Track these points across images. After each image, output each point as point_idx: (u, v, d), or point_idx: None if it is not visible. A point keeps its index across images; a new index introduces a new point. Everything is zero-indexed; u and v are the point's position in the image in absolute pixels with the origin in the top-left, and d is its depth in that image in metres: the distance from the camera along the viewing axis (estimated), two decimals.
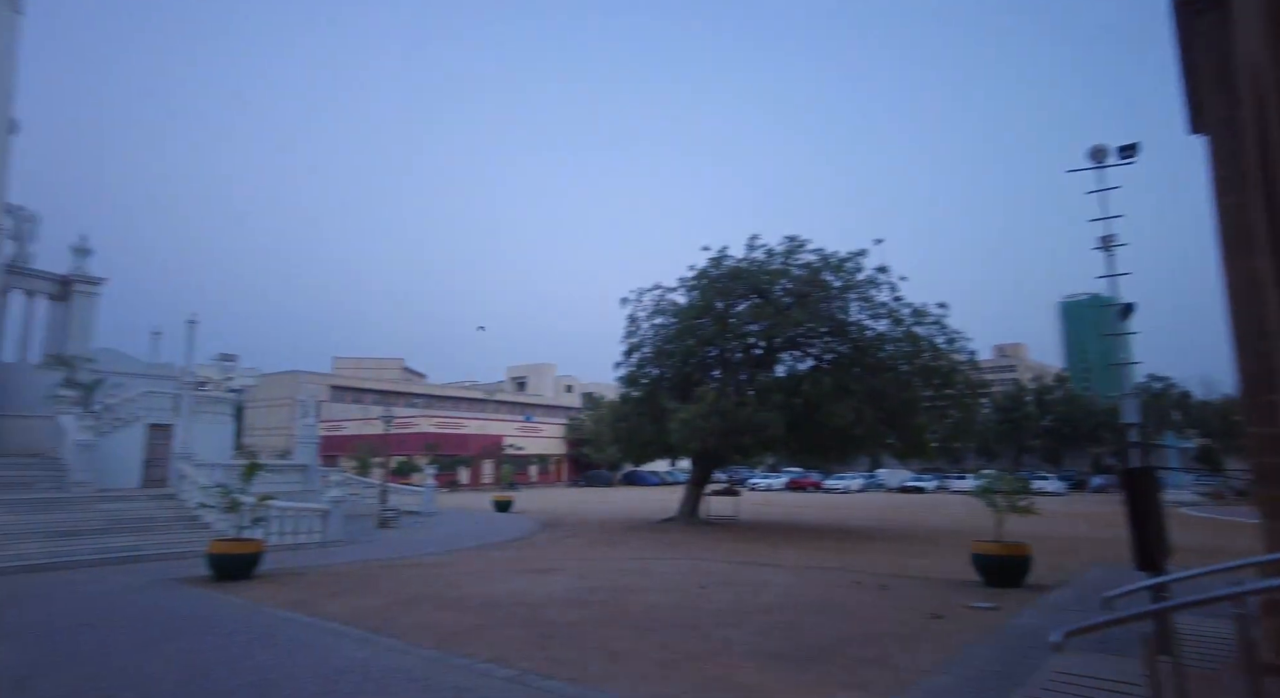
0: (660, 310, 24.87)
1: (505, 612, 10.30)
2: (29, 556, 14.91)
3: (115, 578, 13.57)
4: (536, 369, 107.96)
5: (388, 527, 23.61)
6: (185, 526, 18.32)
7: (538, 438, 70.88)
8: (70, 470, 19.40)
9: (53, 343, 23.80)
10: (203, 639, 8.65)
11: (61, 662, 7.72)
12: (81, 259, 24.88)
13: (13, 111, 21.99)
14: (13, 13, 22.03)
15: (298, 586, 12.82)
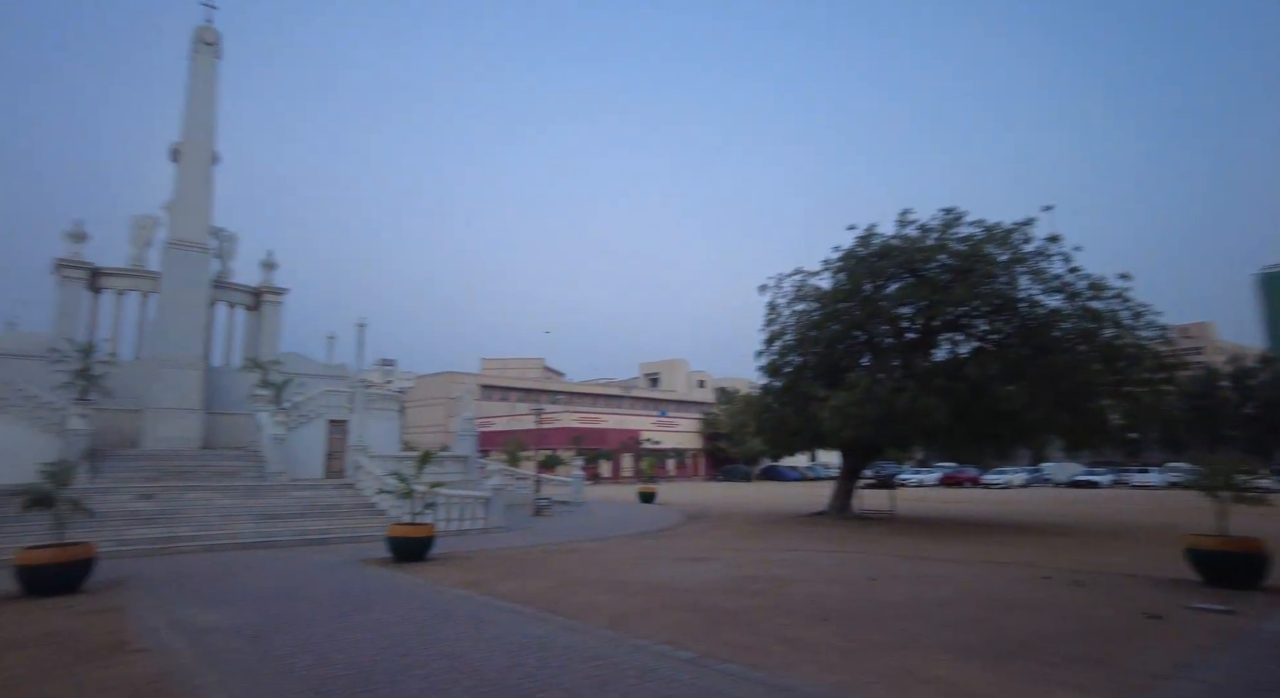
0: (802, 296, 24.05)
1: (668, 597, 10.23)
2: (241, 534, 16.75)
3: (311, 557, 14.90)
4: (668, 365, 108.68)
5: (541, 515, 24.49)
6: (364, 512, 19.87)
7: (673, 432, 71.30)
8: (267, 461, 21.62)
9: (249, 348, 26.73)
10: (393, 613, 9.21)
11: (281, 625, 8.48)
12: (269, 273, 27.77)
13: (214, 144, 24.92)
14: (213, 58, 24.95)
15: (468, 567, 13.46)
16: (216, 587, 11.42)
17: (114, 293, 24.79)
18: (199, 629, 8.39)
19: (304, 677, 6.31)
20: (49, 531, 15.13)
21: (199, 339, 24.01)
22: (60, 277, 23.60)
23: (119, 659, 7.22)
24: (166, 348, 23.30)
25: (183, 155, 24.61)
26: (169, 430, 22.72)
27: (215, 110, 24.95)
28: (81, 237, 24.00)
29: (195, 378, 23.52)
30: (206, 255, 24.41)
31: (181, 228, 24.01)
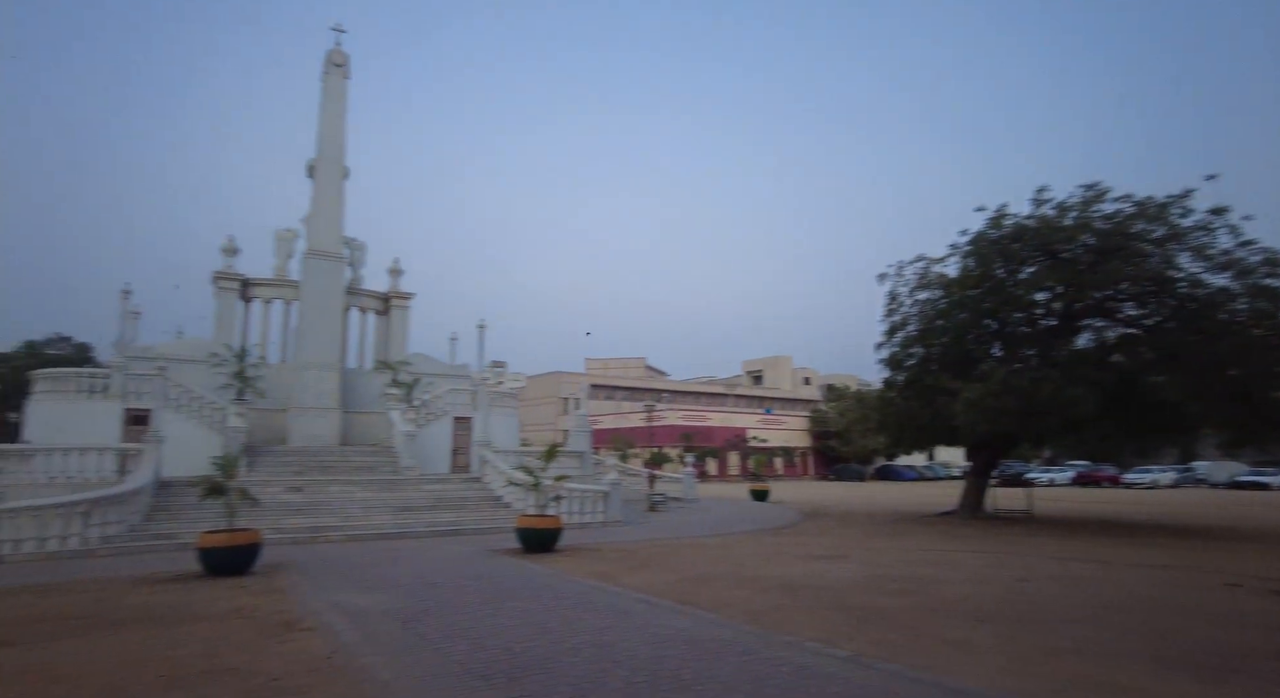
0: (925, 284, 22.85)
1: (806, 594, 9.91)
2: (381, 526, 17.73)
3: (446, 547, 15.55)
4: (772, 363, 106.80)
5: (656, 511, 24.56)
6: (490, 504, 20.58)
7: (780, 430, 69.98)
8: (400, 457, 22.81)
9: (379, 351, 28.37)
10: (534, 601, 9.39)
11: (430, 610, 8.83)
12: (396, 279, 29.39)
13: (345, 160, 26.63)
14: (343, 79, 26.69)
15: (595, 559, 13.61)
16: (365, 573, 12.08)
17: (262, 302, 26.99)
18: (356, 612, 8.85)
19: (462, 661, 6.49)
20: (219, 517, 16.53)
21: (336, 343, 25.74)
22: (217, 288, 25.94)
23: (292, 636, 7.72)
24: (308, 351, 25.12)
25: (317, 171, 26.46)
26: (311, 428, 24.46)
27: (345, 127, 26.70)
28: (234, 251, 26.26)
29: (334, 379, 25.21)
30: (341, 264, 26.15)
31: (318, 239, 25.82)
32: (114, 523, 15.01)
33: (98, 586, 11.03)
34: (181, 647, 7.20)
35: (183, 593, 10.40)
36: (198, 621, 8.51)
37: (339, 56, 26.67)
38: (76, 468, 17.96)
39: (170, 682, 5.95)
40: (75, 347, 48.95)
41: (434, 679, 5.91)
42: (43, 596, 10.26)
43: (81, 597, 10.13)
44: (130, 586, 11.07)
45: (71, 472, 17.80)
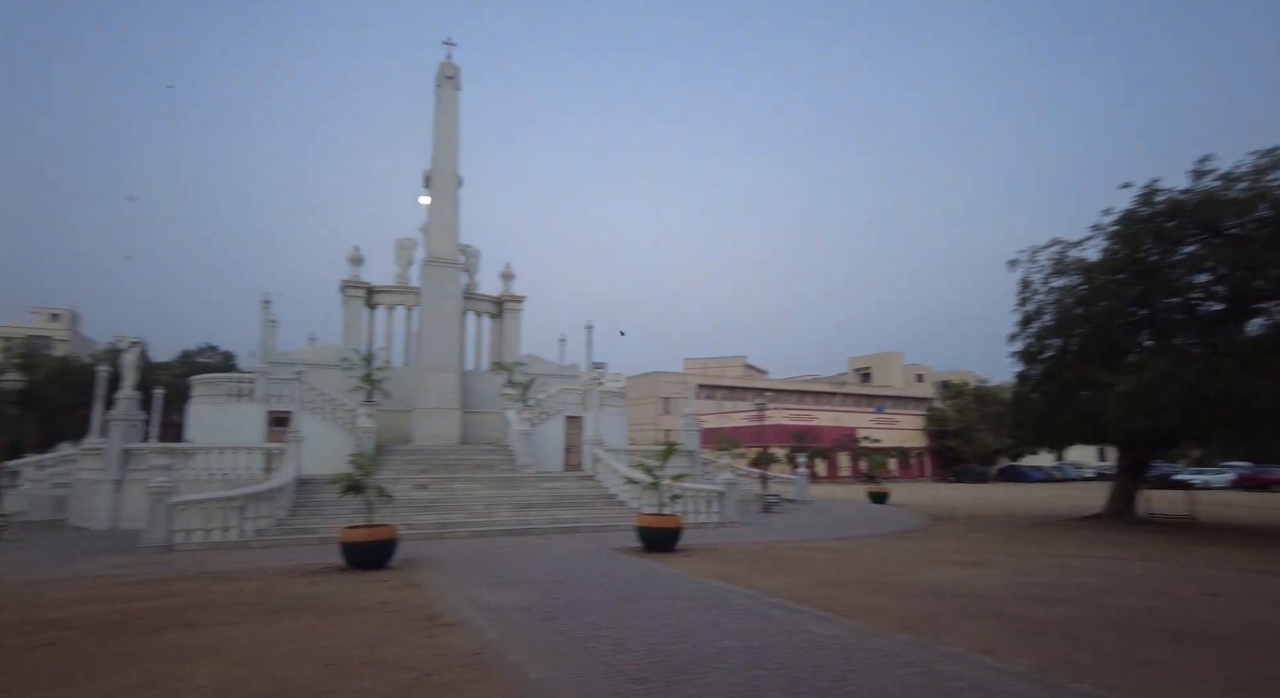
0: (1062, 270, 21.10)
1: (955, 602, 9.22)
2: (504, 522, 18.15)
3: (566, 544, 15.68)
4: (881, 359, 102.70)
5: (770, 512, 23.96)
6: (605, 503, 20.68)
7: (894, 430, 67.09)
8: (517, 455, 23.34)
9: (494, 353, 29.24)
10: (667, 602, 9.20)
11: (564, 607, 8.81)
12: (508, 283, 30.22)
13: (458, 169, 27.63)
14: (455, 90, 27.70)
15: (719, 560, 13.30)
16: (496, 569, 12.30)
17: (386, 308, 28.44)
18: (494, 608, 8.95)
19: (609, 661, 6.35)
20: (354, 514, 17.34)
21: (455, 346, 26.74)
22: (345, 296, 27.53)
23: (437, 631, 7.86)
24: (429, 355, 26.22)
25: (433, 181, 27.58)
26: (434, 428, 25.48)
27: (458, 138, 27.71)
28: (359, 261, 27.81)
29: (453, 381, 26.19)
30: (457, 270, 27.15)
31: (435, 247, 26.91)
32: (264, 517, 16.08)
33: (258, 575, 11.78)
34: (339, 637, 7.46)
35: (331, 585, 10.92)
36: (349, 613, 8.85)
37: (450, 68, 27.70)
38: (230, 465, 19.45)
39: (337, 671, 6.14)
40: (221, 355, 53.48)
41: (586, 680, 5.79)
42: (215, 582, 11.06)
43: (247, 585, 10.83)
44: (284, 576, 11.76)
45: (225, 469, 19.29)
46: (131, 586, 10.94)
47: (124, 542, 15.97)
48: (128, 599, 9.80)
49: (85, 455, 21.03)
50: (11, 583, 11.19)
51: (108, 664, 6.49)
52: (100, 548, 15.18)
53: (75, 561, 13.67)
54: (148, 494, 14.85)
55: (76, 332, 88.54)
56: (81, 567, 12.83)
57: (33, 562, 13.48)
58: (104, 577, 11.70)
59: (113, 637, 7.63)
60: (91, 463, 20.71)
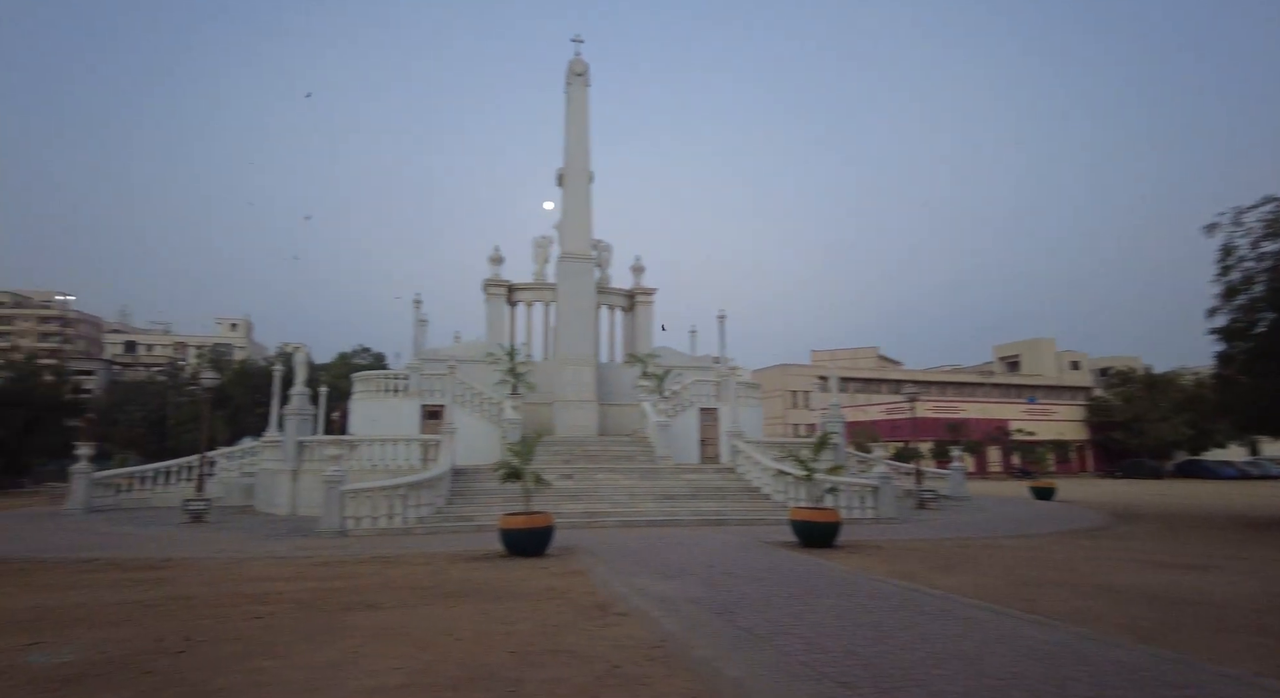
0: (1278, 231, 18.20)
1: (1186, 610, 7.99)
2: (648, 512, 18.00)
3: (717, 537, 15.23)
4: (1030, 346, 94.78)
5: (926, 508, 22.43)
6: (748, 496, 20.08)
7: (1049, 422, 61.68)
8: (655, 447, 23.20)
9: (627, 345, 29.34)
10: (846, 600, 8.52)
11: (737, 602, 8.35)
12: (638, 276, 30.24)
13: (589, 165, 27.92)
14: (584, 86, 28.00)
15: (885, 557, 12.39)
16: (651, 559, 12.07)
17: (525, 304, 29.23)
18: (662, 599, 8.64)
19: (806, 661, 5.82)
20: (507, 503, 17.75)
21: (591, 339, 27.06)
22: (487, 294, 28.55)
23: (610, 620, 7.63)
24: (566, 348, 26.67)
25: (566, 178, 28.01)
26: (573, 419, 25.89)
27: (589, 134, 27.99)
28: (499, 260, 28.74)
29: (590, 373, 26.50)
30: (591, 265, 27.45)
31: (570, 242, 27.33)
32: (425, 505, 16.79)
33: (425, 560, 12.19)
34: (517, 624, 7.39)
35: (495, 570, 11.08)
36: (518, 598, 8.85)
37: (579, 65, 27.99)
38: (390, 456, 20.54)
39: (522, 659, 6.00)
40: (374, 356, 57.50)
41: (789, 683, 5.29)
42: (388, 566, 11.54)
43: (418, 569, 11.21)
44: (450, 561, 12.10)
45: (386, 459, 20.38)
46: (316, 566, 11.63)
47: (303, 526, 17.21)
48: (316, 579, 10.36)
49: (266, 447, 23.01)
50: (222, 560, 12.22)
51: (309, 639, 6.73)
52: (284, 532, 16.42)
53: (265, 542, 14.83)
54: (326, 482, 15.86)
55: (251, 338, 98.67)
56: (271, 547, 13.87)
57: (233, 542, 14.75)
58: (291, 558, 12.53)
59: (309, 614, 7.99)
60: (271, 454, 22.63)
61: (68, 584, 10.03)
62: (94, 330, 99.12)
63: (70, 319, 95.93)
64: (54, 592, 9.43)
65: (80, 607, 8.45)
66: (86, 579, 10.43)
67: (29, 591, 9.51)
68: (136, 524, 18.15)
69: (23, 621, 7.76)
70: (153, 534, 16.12)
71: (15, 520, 19.44)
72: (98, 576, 10.81)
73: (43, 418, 38.12)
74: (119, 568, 11.49)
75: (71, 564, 11.92)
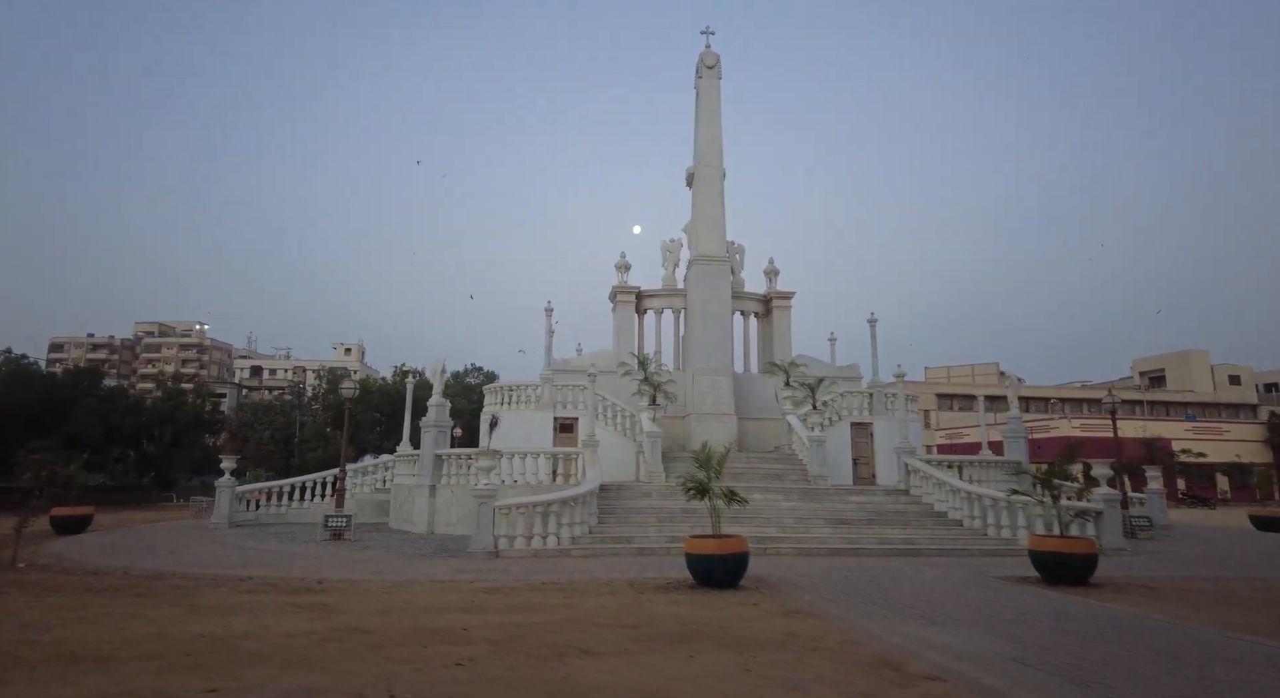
0: None
1: None
2: (824, 539, 15.76)
3: (928, 570, 12.84)
4: (1178, 359, 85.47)
5: (1137, 537, 19.07)
6: (933, 521, 17.48)
7: (1221, 442, 54.70)
8: (808, 465, 20.88)
9: (763, 354, 27.23)
10: (1244, 670, 6.13)
11: (1081, 666, 6.11)
12: (772, 280, 28.15)
13: (723, 163, 26.23)
14: (716, 79, 26.47)
15: (1184, 602, 9.73)
16: (876, 594, 9.97)
17: (655, 312, 27.69)
18: (960, 654, 6.56)
19: None
20: (662, 522, 15.97)
21: (727, 347, 25.14)
22: (615, 302, 27.19)
23: (917, 685, 5.61)
24: (700, 357, 24.83)
25: (696, 177, 26.42)
26: (711, 434, 23.89)
27: (721, 130, 26.36)
28: (626, 267, 27.38)
29: (726, 384, 24.54)
30: (725, 268, 25.60)
31: (701, 245, 25.62)
32: (578, 524, 15.22)
33: (605, 588, 10.49)
34: (807, 688, 5.47)
35: (696, 605, 9.23)
36: (763, 647, 6.96)
37: (710, 58, 26.48)
38: (524, 470, 19.18)
39: None
40: (485, 375, 57.62)
41: None
42: (569, 594, 9.87)
43: (607, 600, 9.49)
44: (635, 590, 10.34)
45: (526, 474, 19.04)
46: (486, 593, 10.13)
47: (448, 545, 15.99)
48: (497, 610, 8.81)
49: (400, 461, 22.24)
50: (380, 583, 10.95)
51: None
52: (429, 551, 15.21)
53: (414, 562, 13.59)
54: (477, 497, 14.55)
55: (363, 361, 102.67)
56: (425, 569, 12.57)
57: (382, 562, 13.59)
58: (454, 582, 11.12)
59: (517, 660, 6.37)
60: (405, 469, 21.82)
61: (229, 607, 8.89)
62: (225, 356, 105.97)
63: (206, 346, 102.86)
64: (217, 615, 8.27)
65: (249, 638, 7.17)
66: (248, 602, 9.29)
67: (193, 614, 8.39)
68: (279, 540, 17.49)
69: (194, 654, 6.50)
70: (298, 551, 15.27)
71: (167, 533, 19.30)
72: (258, 597, 9.68)
73: (187, 434, 39.73)
74: (276, 589, 10.38)
75: (227, 582, 10.95)
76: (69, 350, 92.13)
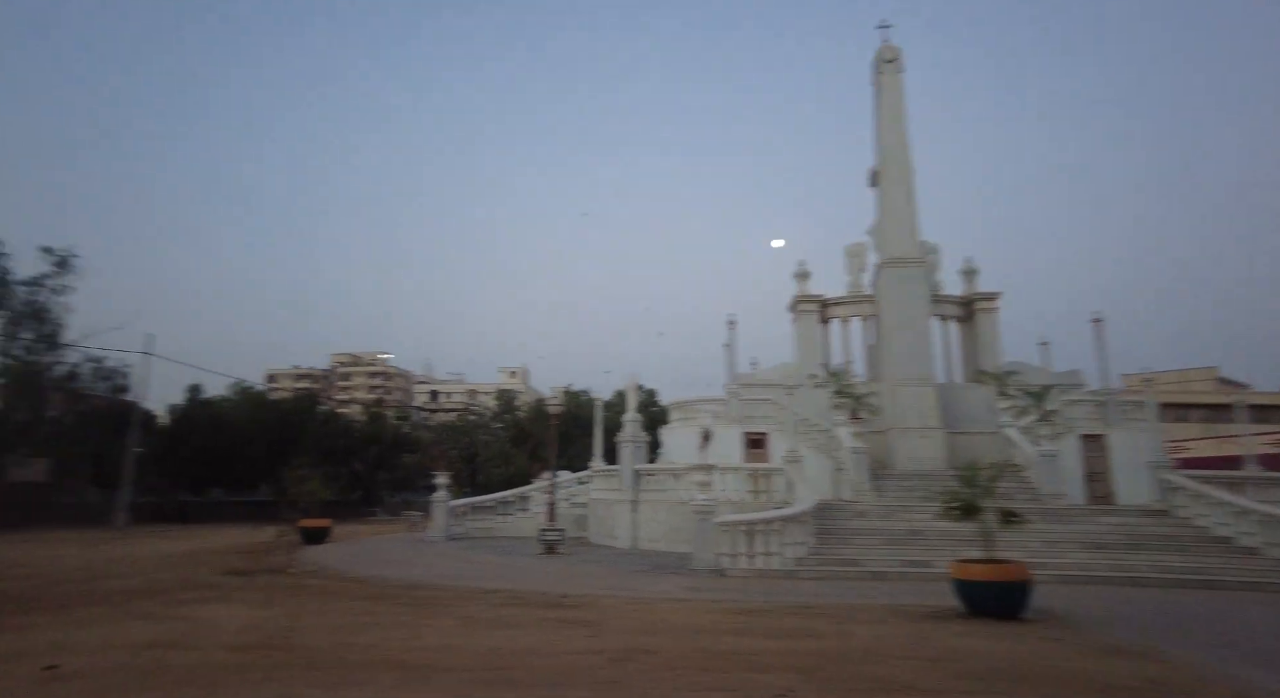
0: None
1: None
2: (1087, 566, 13.87)
3: (1252, 609, 10.77)
4: None
5: None
6: (1216, 548, 14.90)
7: None
8: (1039, 483, 18.75)
9: (967, 361, 25.07)
10: None
11: None
12: (971, 280, 25.95)
13: (910, 159, 24.65)
14: (897, 73, 25.06)
15: None
16: (1211, 635, 8.34)
17: (841, 320, 26.47)
18: None
19: None
20: (888, 543, 14.82)
21: (927, 355, 23.34)
22: (796, 313, 26.29)
23: None
24: (896, 367, 23.22)
25: (881, 175, 25.01)
26: (914, 450, 22.23)
27: (906, 123, 24.80)
28: (806, 275, 26.43)
29: (930, 395, 22.72)
30: (920, 270, 23.88)
31: (890, 247, 24.10)
32: (799, 544, 14.41)
33: (867, 615, 9.61)
34: None
35: (992, 639, 8.11)
36: (1126, 693, 5.81)
37: (889, 52, 25.08)
38: (729, 486, 18.61)
39: None
40: (646, 392, 58.19)
41: None
42: (832, 620, 9.10)
43: (881, 629, 8.64)
44: (902, 618, 9.39)
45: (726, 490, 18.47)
46: (736, 614, 9.60)
47: (660, 561, 15.76)
48: (765, 634, 8.24)
49: (596, 477, 22.52)
50: (622, 598, 10.78)
51: None
52: (645, 567, 15.02)
53: (638, 578, 13.40)
54: (696, 513, 14.20)
55: (528, 383, 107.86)
56: (654, 585, 12.31)
57: (606, 577, 13.52)
58: (694, 601, 10.71)
59: (842, 696, 5.71)
60: (601, 484, 22.05)
61: (495, 620, 8.99)
62: (406, 382, 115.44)
63: (390, 373, 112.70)
64: (490, 629, 8.35)
65: (537, 654, 7.09)
66: (509, 615, 9.38)
67: (469, 626, 8.53)
68: (496, 553, 18.12)
69: (499, 668, 6.45)
70: (520, 564, 15.65)
71: (393, 545, 20.66)
72: (514, 610, 9.77)
73: (390, 454, 43.24)
74: (525, 603, 10.47)
75: (476, 594, 11.22)
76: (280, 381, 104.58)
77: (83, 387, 31.03)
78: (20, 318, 27.65)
